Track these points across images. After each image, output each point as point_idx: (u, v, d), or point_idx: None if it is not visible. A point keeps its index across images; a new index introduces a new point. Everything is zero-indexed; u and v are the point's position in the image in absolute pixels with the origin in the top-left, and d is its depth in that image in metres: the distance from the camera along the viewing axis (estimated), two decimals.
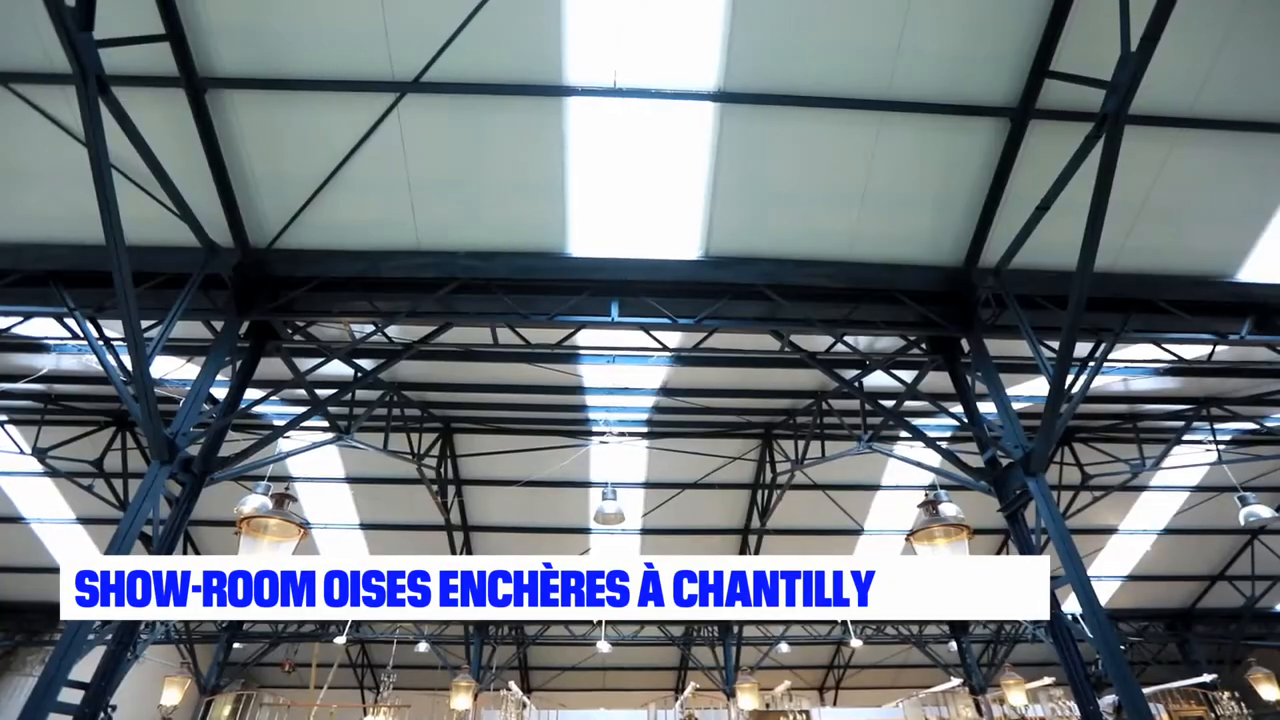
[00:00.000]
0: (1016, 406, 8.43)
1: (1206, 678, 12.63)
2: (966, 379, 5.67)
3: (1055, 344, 4.65)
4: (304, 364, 7.32)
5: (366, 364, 7.12)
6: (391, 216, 5.33)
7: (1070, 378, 4.92)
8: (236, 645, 12.57)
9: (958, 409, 5.96)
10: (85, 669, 3.89)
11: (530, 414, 8.82)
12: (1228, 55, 4.66)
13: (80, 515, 10.67)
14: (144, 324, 5.29)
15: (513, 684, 12.17)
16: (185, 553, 11.43)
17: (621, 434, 9.08)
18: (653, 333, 6.20)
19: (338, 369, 7.42)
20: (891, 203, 5.35)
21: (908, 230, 5.50)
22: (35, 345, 7.11)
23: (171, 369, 7.53)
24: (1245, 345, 6.02)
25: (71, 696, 3.74)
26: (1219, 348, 7.02)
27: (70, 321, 6.20)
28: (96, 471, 8.79)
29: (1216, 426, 8.98)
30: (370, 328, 6.29)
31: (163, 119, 4.72)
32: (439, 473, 9.35)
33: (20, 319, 6.00)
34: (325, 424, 8.94)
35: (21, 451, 8.65)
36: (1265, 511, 8.44)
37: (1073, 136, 4.97)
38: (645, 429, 9.15)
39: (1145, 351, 7.40)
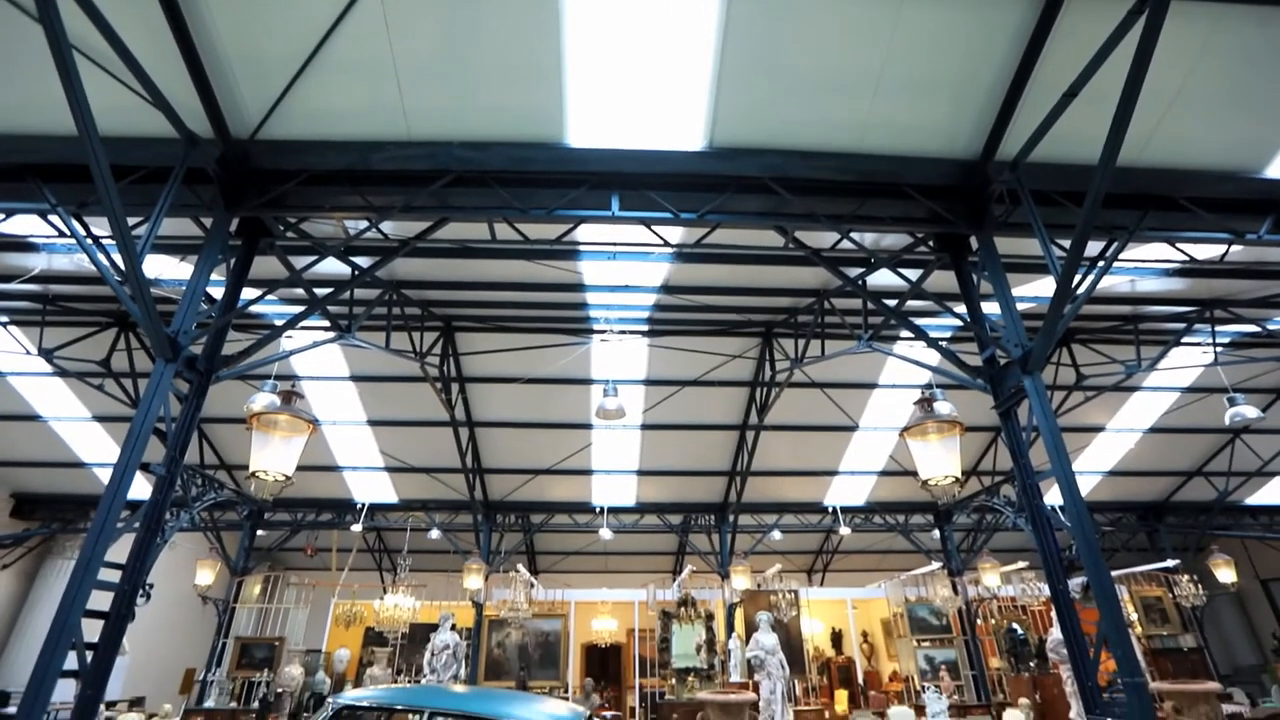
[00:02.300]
0: (1019, 308, 8.40)
1: (1170, 562, 13.50)
2: (972, 277, 5.59)
3: (1067, 243, 4.54)
4: (300, 262, 7.21)
5: (363, 261, 7.01)
6: (379, 103, 5.03)
7: (1078, 277, 4.85)
8: (260, 532, 13.33)
9: (960, 308, 5.93)
10: (122, 552, 4.12)
11: (531, 312, 8.81)
12: None
13: (96, 413, 10.95)
14: (131, 221, 5.16)
15: (520, 567, 13.02)
16: (201, 449, 11.85)
17: (622, 332, 9.11)
18: (654, 228, 6.04)
19: (335, 267, 7.32)
20: (908, 90, 5.03)
21: (923, 120, 5.21)
22: (23, 244, 6.98)
23: (166, 269, 7.43)
24: (1262, 245, 5.88)
25: (111, 577, 4.00)
26: (1233, 248, 6.88)
27: (55, 219, 6.04)
28: (105, 371, 8.92)
29: (1217, 329, 8.98)
30: (364, 223, 6.13)
31: None
32: (442, 371, 9.49)
33: (1, 216, 5.84)
34: (326, 323, 8.95)
35: (28, 352, 8.73)
36: (1251, 412, 8.62)
37: (1110, 14, 4.58)
38: (646, 327, 9.17)
39: (1157, 251, 7.25)
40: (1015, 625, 13.39)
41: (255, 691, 12.11)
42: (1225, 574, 13.40)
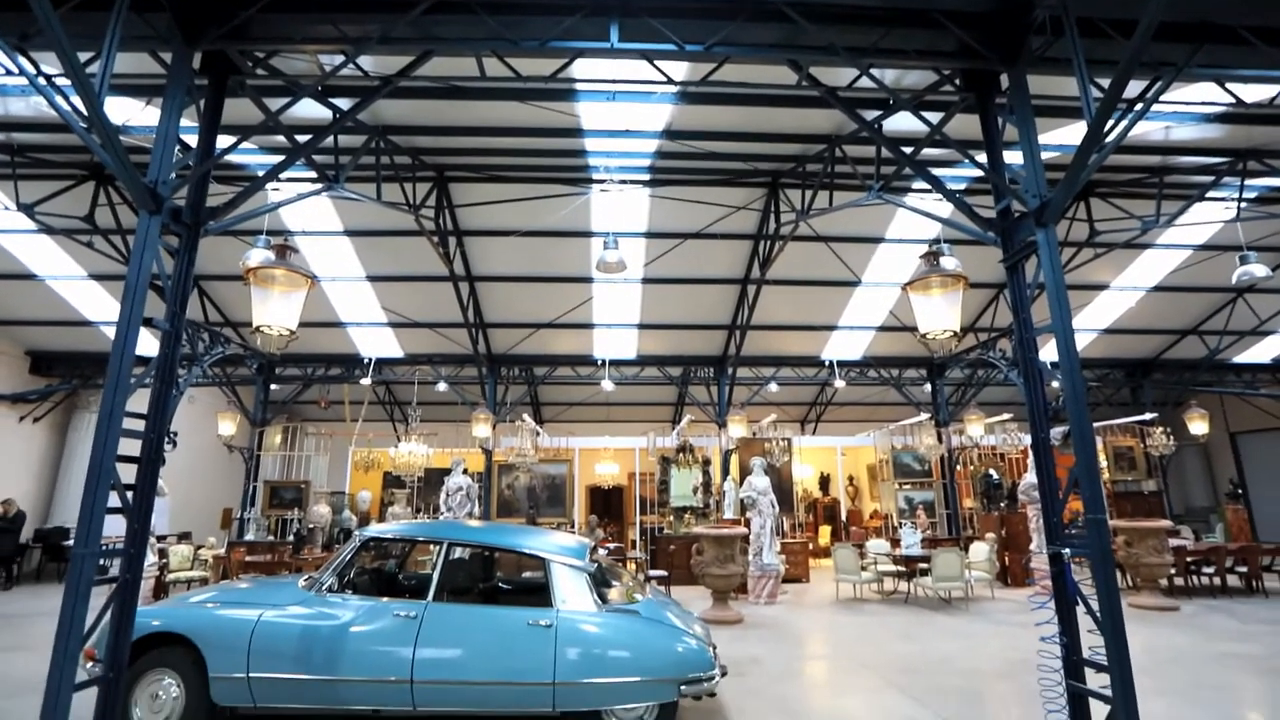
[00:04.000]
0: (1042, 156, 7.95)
1: (1147, 416, 14.11)
2: (997, 121, 5.21)
3: (1106, 82, 4.15)
4: (276, 104, 6.70)
5: (344, 104, 6.52)
6: None
7: (1111, 121, 4.51)
8: (274, 387, 13.80)
9: (980, 156, 5.60)
10: (143, 404, 4.26)
11: (528, 160, 8.36)
12: None
13: (91, 271, 10.84)
14: (83, 57, 4.69)
15: (526, 416, 13.64)
16: (203, 306, 11.89)
17: (623, 181, 8.72)
18: (656, 63, 5.53)
19: (316, 111, 6.83)
20: None
21: None
22: None
23: (134, 115, 6.94)
24: None
25: (136, 426, 4.16)
26: None
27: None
28: (91, 228, 8.67)
29: (1247, 183, 8.57)
30: (340, 58, 5.61)
31: None
32: (438, 223, 9.23)
33: None
34: (313, 175, 8.55)
35: (6, 208, 8.42)
36: (1260, 270, 8.51)
37: None
38: (647, 176, 8.77)
39: (1200, 93, 6.72)
40: (992, 471, 14.33)
41: (289, 528, 13.27)
42: (1199, 426, 14.05)
